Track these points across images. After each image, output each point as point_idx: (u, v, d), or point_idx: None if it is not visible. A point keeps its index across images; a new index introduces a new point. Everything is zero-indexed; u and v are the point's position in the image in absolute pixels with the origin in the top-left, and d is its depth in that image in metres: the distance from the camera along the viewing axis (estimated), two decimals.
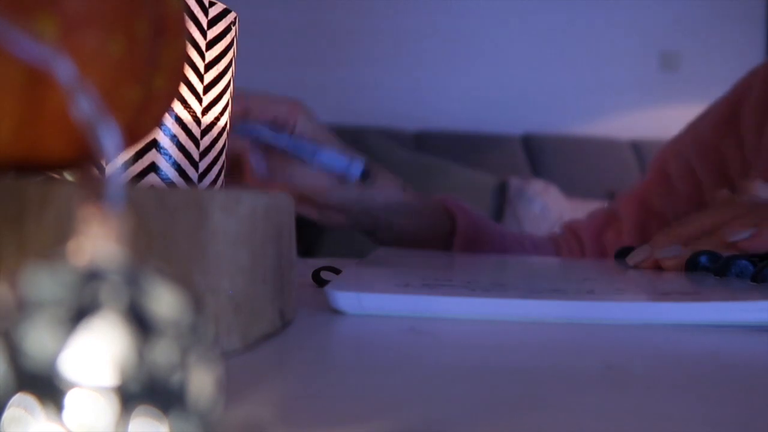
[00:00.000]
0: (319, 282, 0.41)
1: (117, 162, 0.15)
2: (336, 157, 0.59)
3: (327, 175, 0.61)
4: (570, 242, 0.80)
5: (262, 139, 0.59)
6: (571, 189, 2.31)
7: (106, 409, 0.11)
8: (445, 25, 2.62)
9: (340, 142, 0.64)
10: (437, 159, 2.27)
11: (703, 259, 0.44)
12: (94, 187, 0.13)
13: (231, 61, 0.43)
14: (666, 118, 2.14)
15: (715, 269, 0.42)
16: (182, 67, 0.25)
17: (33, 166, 0.22)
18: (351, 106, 2.56)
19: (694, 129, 0.78)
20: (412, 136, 2.51)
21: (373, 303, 0.32)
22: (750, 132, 0.72)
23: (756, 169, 0.70)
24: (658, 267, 0.46)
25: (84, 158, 0.22)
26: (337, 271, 0.42)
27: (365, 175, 0.59)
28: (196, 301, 0.23)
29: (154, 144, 0.39)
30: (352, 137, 2.36)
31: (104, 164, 0.35)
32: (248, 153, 0.58)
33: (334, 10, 2.62)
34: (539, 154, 2.60)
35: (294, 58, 2.59)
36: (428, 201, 0.73)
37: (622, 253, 0.54)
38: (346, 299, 0.32)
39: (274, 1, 2.58)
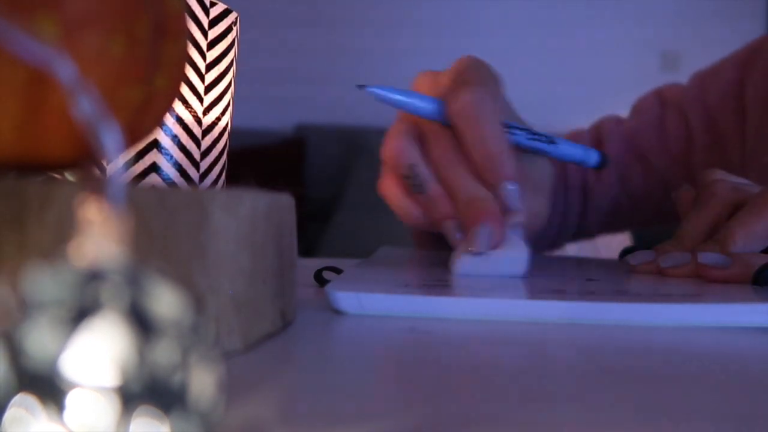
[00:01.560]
0: (321, 282, 0.41)
1: (118, 162, 0.15)
2: (573, 147, 0.51)
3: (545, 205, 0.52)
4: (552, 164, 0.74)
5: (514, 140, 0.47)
6: None
7: (107, 409, 0.11)
8: (445, 25, 2.62)
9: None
10: None
11: None
12: (95, 187, 0.13)
13: (232, 61, 0.43)
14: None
15: None
16: (183, 67, 0.25)
17: (34, 166, 0.22)
18: (352, 106, 2.56)
19: (700, 85, 0.73)
20: None
21: (373, 303, 0.32)
22: (753, 107, 0.69)
23: (762, 144, 0.67)
24: (660, 273, 0.45)
25: (85, 158, 0.22)
26: (338, 271, 0.42)
27: (603, 163, 0.52)
28: (197, 301, 0.23)
29: (155, 144, 0.39)
30: (353, 137, 2.36)
31: (105, 164, 0.35)
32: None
33: (334, 9, 2.62)
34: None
35: (294, 58, 2.59)
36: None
37: (626, 253, 0.54)
38: (346, 299, 0.32)
39: (274, 1, 2.58)
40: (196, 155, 0.41)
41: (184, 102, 0.40)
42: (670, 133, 0.72)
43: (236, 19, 0.44)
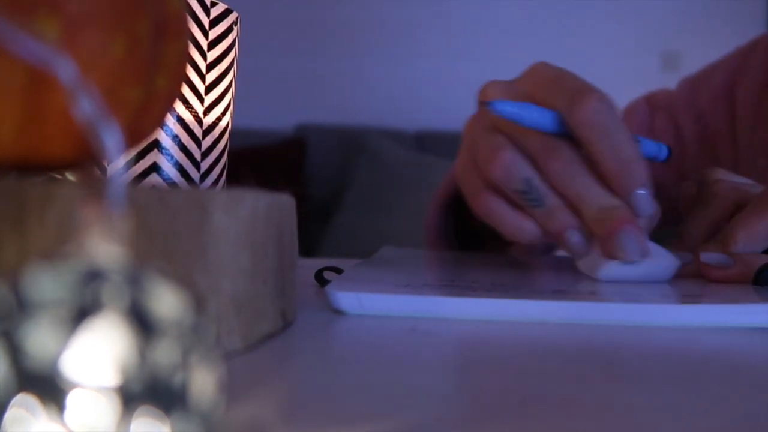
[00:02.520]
0: (322, 282, 0.41)
1: (118, 162, 0.15)
2: (650, 143, 0.49)
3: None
4: None
5: None
6: None
7: (108, 409, 0.11)
8: (445, 25, 2.62)
9: None
10: (438, 158, 2.27)
11: None
12: (95, 188, 0.13)
13: (233, 61, 0.43)
14: None
15: None
16: (184, 67, 0.25)
17: (35, 167, 0.22)
18: (352, 106, 2.56)
19: (690, 89, 0.73)
20: (413, 136, 2.51)
21: (374, 303, 0.32)
22: (744, 109, 0.68)
23: (753, 149, 0.67)
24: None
25: (86, 158, 0.22)
26: (339, 271, 0.42)
27: (670, 157, 0.49)
28: (198, 302, 0.23)
29: (156, 144, 0.39)
30: (353, 137, 2.36)
31: (106, 164, 0.35)
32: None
33: (335, 9, 2.62)
34: None
35: (294, 58, 2.59)
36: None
37: None
38: (346, 299, 0.32)
39: (274, 1, 2.58)
40: (197, 155, 0.41)
41: (185, 102, 0.40)
42: (659, 137, 0.72)
43: (237, 19, 0.44)
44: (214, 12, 0.42)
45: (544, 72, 0.45)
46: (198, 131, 0.41)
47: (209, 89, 0.41)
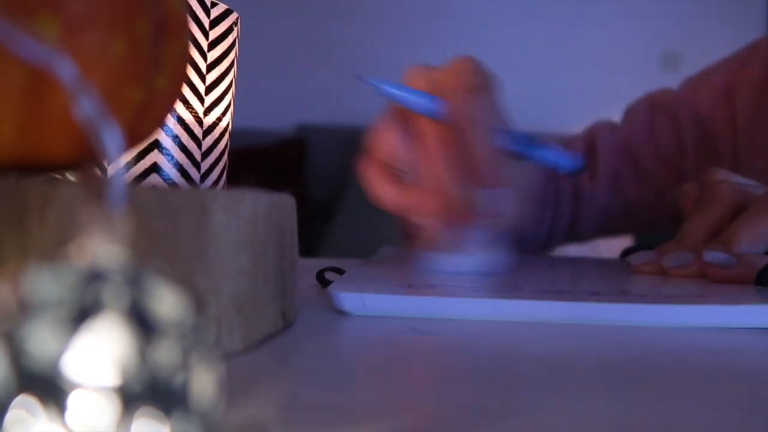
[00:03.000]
0: (323, 282, 0.41)
1: (119, 162, 0.15)
2: (558, 152, 0.50)
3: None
4: (544, 170, 0.70)
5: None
6: None
7: (108, 409, 0.11)
8: (446, 25, 2.62)
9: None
10: None
11: None
12: (96, 188, 0.13)
13: (233, 61, 0.43)
14: None
15: None
16: (184, 68, 0.25)
17: (35, 167, 0.22)
18: (352, 106, 2.56)
19: (691, 90, 0.73)
20: None
21: (377, 304, 0.32)
22: (744, 111, 0.68)
23: (753, 150, 0.67)
24: (661, 273, 0.45)
25: (86, 159, 0.22)
26: (341, 272, 0.42)
27: (583, 169, 0.52)
28: (198, 302, 0.23)
29: (156, 144, 0.39)
30: (354, 137, 2.36)
31: (106, 165, 0.35)
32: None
33: (335, 9, 2.62)
34: None
35: (294, 58, 2.59)
36: None
37: (627, 253, 0.53)
38: (349, 300, 0.32)
39: (275, 1, 2.58)
40: (197, 155, 0.41)
41: (185, 102, 0.40)
42: (660, 138, 0.73)
43: (237, 19, 0.44)
44: (215, 12, 0.42)
45: (459, 65, 0.49)
46: (198, 131, 0.41)
47: (209, 89, 0.41)
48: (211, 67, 0.41)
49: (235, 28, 0.43)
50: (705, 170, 0.67)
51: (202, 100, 0.41)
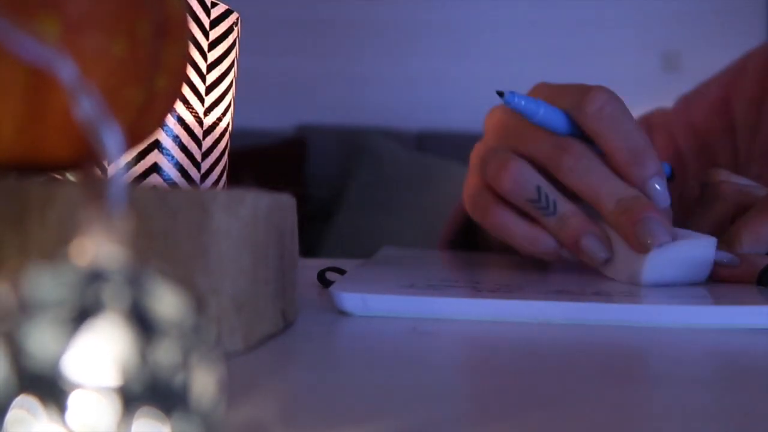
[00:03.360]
0: (324, 282, 0.41)
1: (119, 163, 0.15)
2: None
3: None
4: None
5: None
6: None
7: (109, 409, 0.11)
8: (446, 25, 2.62)
9: None
10: (439, 159, 2.27)
11: None
12: (96, 188, 0.13)
13: (233, 61, 0.43)
14: None
15: None
16: (184, 68, 0.25)
17: (35, 167, 0.22)
18: (352, 106, 2.56)
19: (685, 107, 0.74)
20: (414, 137, 2.50)
21: (378, 304, 0.32)
22: (743, 121, 0.69)
23: (753, 162, 0.68)
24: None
25: (86, 159, 0.22)
26: (342, 272, 0.42)
27: (672, 176, 0.49)
28: (198, 302, 0.23)
29: (156, 145, 0.39)
30: (354, 137, 2.36)
31: (106, 165, 0.35)
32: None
33: (335, 9, 2.62)
34: None
35: (295, 58, 2.59)
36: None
37: None
38: (350, 300, 0.32)
39: (275, 1, 2.58)
40: (198, 156, 0.41)
41: (186, 102, 0.40)
42: (659, 157, 0.73)
43: (237, 19, 0.44)
44: (215, 12, 0.42)
45: (548, 85, 0.46)
46: (198, 131, 0.41)
47: (210, 89, 0.41)
48: (211, 67, 0.41)
49: (236, 28, 0.43)
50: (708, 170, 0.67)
51: (202, 101, 0.41)
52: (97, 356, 0.11)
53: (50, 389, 0.11)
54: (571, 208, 0.41)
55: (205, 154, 0.41)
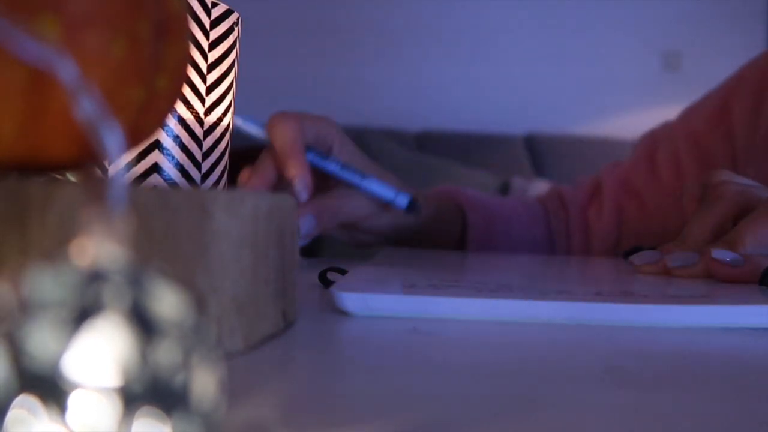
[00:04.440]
0: (326, 282, 0.41)
1: (120, 163, 0.15)
2: (383, 187, 0.60)
3: (367, 200, 0.61)
4: (557, 210, 0.78)
5: (312, 162, 0.58)
6: None
7: (109, 410, 0.11)
8: (446, 25, 2.62)
9: (379, 168, 0.65)
10: (439, 159, 2.27)
11: None
12: (96, 188, 0.13)
13: (234, 61, 0.43)
14: (668, 118, 2.13)
15: None
16: (185, 68, 0.25)
17: (36, 167, 0.22)
18: (352, 107, 2.56)
19: (686, 118, 0.77)
20: (413, 137, 2.51)
21: (380, 304, 0.32)
22: (742, 126, 0.70)
23: (749, 165, 0.68)
24: (664, 273, 0.45)
25: (87, 159, 0.22)
26: (343, 272, 0.42)
27: (411, 207, 0.59)
28: (199, 302, 0.23)
29: (157, 145, 0.39)
30: (354, 137, 2.36)
31: (107, 165, 0.35)
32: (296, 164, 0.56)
33: (335, 10, 2.62)
34: (542, 154, 2.60)
35: (295, 58, 2.59)
36: (438, 203, 0.72)
37: (630, 253, 0.53)
38: (351, 300, 0.32)
39: (275, 1, 2.58)
40: (198, 156, 0.41)
41: (186, 102, 0.40)
42: (660, 166, 0.76)
43: (238, 19, 0.44)
44: (215, 12, 0.42)
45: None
46: (199, 131, 0.41)
47: (210, 89, 0.41)
48: (211, 67, 0.41)
49: (236, 29, 0.43)
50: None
51: (203, 100, 0.41)
52: (97, 356, 0.11)
53: (51, 389, 0.11)
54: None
55: (206, 154, 0.41)
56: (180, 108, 0.40)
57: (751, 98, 0.70)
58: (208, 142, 0.41)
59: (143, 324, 0.12)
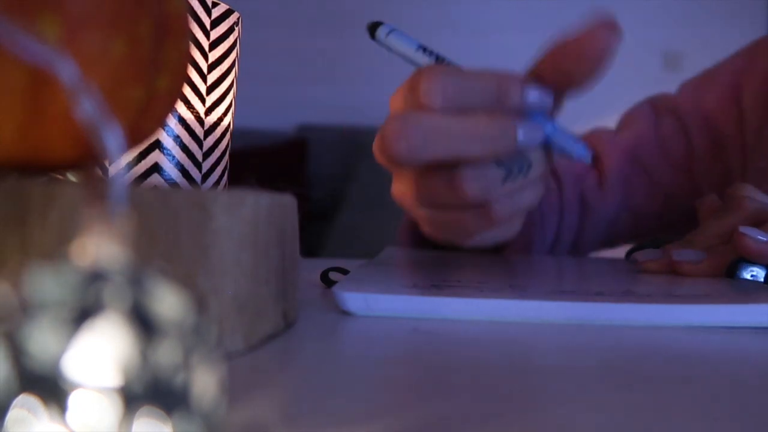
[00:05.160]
0: (328, 282, 0.41)
1: (120, 163, 0.15)
2: (573, 140, 0.47)
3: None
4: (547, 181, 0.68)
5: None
6: None
7: (110, 409, 0.11)
8: (446, 24, 2.62)
9: None
10: None
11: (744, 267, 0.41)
12: (97, 188, 0.13)
13: (234, 61, 0.43)
14: None
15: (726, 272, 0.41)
16: (185, 68, 0.25)
17: (36, 167, 0.22)
18: (353, 107, 2.56)
19: (694, 94, 0.72)
20: None
21: (381, 304, 0.32)
22: (752, 113, 0.68)
23: (759, 152, 0.67)
24: (667, 271, 0.45)
25: (87, 159, 0.22)
26: (345, 272, 0.42)
27: (593, 163, 0.48)
28: (199, 302, 0.23)
29: (157, 144, 0.39)
30: (355, 137, 2.36)
31: (107, 165, 0.35)
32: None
33: (336, 11, 2.62)
34: None
35: (295, 58, 2.59)
36: None
37: (632, 252, 0.53)
38: (353, 300, 0.32)
39: (276, 1, 2.58)
40: (199, 156, 0.41)
41: (187, 102, 0.40)
42: (668, 141, 0.71)
43: (238, 19, 0.44)
44: (216, 12, 0.42)
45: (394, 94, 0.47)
46: (199, 131, 0.41)
47: (211, 89, 0.41)
48: (212, 67, 0.41)
49: (237, 28, 0.43)
50: (715, 171, 0.66)
51: (203, 100, 0.41)
52: (98, 356, 0.11)
53: (51, 389, 0.11)
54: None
55: (206, 154, 0.41)
56: (180, 108, 0.40)
57: (760, 85, 0.67)
58: (208, 142, 0.41)
59: (144, 324, 0.12)
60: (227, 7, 0.42)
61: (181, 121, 0.40)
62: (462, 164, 0.40)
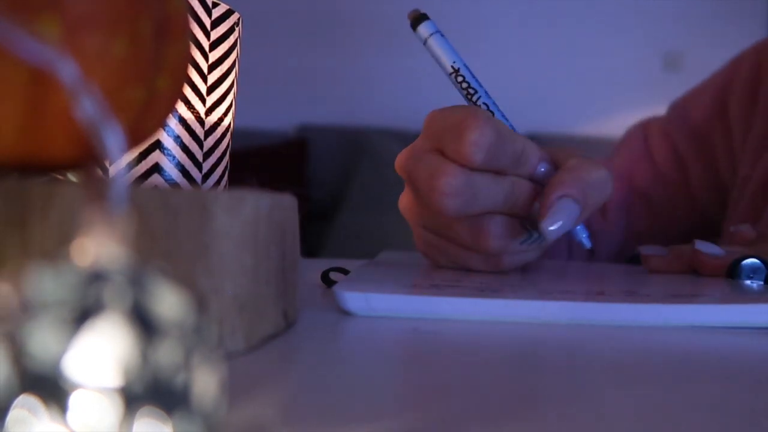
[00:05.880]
0: (328, 282, 0.41)
1: (120, 163, 0.15)
2: (582, 228, 0.48)
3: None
4: None
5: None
6: None
7: (110, 410, 0.11)
8: (447, 25, 2.62)
9: None
10: None
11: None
12: (97, 188, 0.13)
13: (234, 61, 0.43)
14: None
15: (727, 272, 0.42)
16: (186, 68, 0.25)
17: (36, 167, 0.22)
18: (353, 107, 2.56)
19: (683, 112, 0.74)
20: (415, 136, 2.50)
21: (382, 304, 0.32)
22: (737, 122, 0.69)
23: (741, 165, 0.67)
24: (668, 270, 0.45)
25: (87, 159, 0.22)
26: (345, 272, 0.42)
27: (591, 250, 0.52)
28: (200, 302, 0.23)
29: (158, 145, 0.39)
30: (355, 137, 2.36)
31: (108, 165, 0.35)
32: None
33: (337, 11, 2.62)
34: None
35: (296, 58, 2.59)
36: None
37: (633, 257, 0.53)
38: (353, 300, 0.32)
39: (276, 1, 2.58)
40: (199, 156, 0.41)
41: (187, 102, 0.40)
42: (660, 162, 0.73)
43: (239, 19, 0.44)
44: (216, 12, 0.42)
45: (431, 118, 0.49)
46: (200, 132, 0.41)
47: (211, 90, 0.41)
48: (212, 68, 0.41)
49: (237, 29, 0.43)
50: (709, 184, 0.67)
51: (203, 100, 0.41)
52: (98, 356, 0.11)
53: (52, 389, 0.11)
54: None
55: (207, 155, 0.41)
56: (181, 108, 0.40)
57: (744, 92, 0.68)
58: (209, 142, 0.41)
59: (144, 324, 0.12)
60: (227, 7, 0.42)
61: (182, 121, 0.40)
62: (491, 215, 0.42)
